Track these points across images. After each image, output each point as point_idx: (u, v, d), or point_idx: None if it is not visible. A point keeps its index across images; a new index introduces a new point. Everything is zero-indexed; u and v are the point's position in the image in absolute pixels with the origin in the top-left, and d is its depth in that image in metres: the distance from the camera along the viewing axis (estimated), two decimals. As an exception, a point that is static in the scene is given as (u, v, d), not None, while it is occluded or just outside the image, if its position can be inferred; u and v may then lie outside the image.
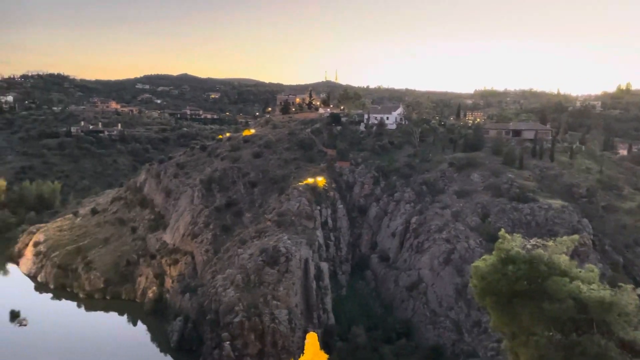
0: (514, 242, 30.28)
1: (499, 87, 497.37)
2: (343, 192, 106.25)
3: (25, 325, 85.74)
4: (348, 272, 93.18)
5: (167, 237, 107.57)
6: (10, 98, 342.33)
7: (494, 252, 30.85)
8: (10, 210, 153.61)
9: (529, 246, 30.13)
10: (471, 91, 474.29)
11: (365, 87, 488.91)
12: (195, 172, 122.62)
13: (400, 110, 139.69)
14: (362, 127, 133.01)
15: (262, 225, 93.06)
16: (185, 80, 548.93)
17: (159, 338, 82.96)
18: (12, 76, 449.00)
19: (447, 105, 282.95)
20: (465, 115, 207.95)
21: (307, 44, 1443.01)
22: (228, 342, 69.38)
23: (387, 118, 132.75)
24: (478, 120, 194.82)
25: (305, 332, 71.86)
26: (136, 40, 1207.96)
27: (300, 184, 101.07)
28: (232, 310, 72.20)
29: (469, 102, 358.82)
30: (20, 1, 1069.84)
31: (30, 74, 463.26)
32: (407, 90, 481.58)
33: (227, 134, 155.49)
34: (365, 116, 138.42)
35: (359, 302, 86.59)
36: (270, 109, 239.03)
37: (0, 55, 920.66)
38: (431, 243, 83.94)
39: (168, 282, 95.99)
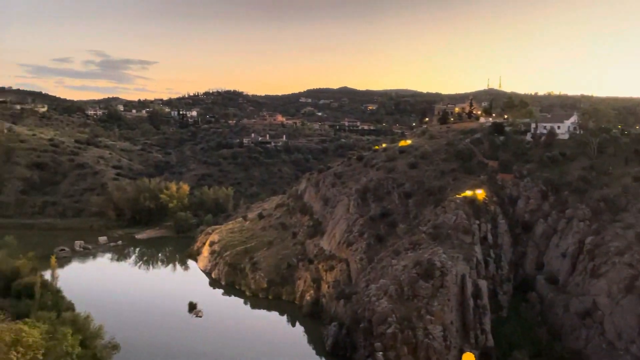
0: None
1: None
2: (505, 206, 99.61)
3: (200, 317, 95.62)
4: (509, 293, 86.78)
5: (324, 243, 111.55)
6: (194, 113, 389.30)
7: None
8: (191, 212, 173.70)
9: None
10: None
11: (532, 94, 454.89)
12: (352, 181, 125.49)
13: (574, 118, 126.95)
14: (528, 137, 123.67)
15: (416, 237, 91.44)
16: (344, 93, 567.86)
17: (315, 341, 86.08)
18: (196, 93, 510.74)
19: (632, 112, 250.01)
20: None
21: (468, 51, 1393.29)
22: (381, 353, 69.20)
23: (558, 127, 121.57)
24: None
25: (461, 351, 68.71)
26: (301, 58, 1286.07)
27: (457, 196, 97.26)
28: (385, 320, 71.92)
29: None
30: (203, 30, 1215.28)
31: (211, 91, 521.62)
32: (582, 96, 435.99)
33: (383, 145, 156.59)
34: (533, 125, 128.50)
35: (522, 326, 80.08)
36: (427, 119, 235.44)
37: (187, 76, 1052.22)
38: (610, 267, 74.31)
39: (324, 287, 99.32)
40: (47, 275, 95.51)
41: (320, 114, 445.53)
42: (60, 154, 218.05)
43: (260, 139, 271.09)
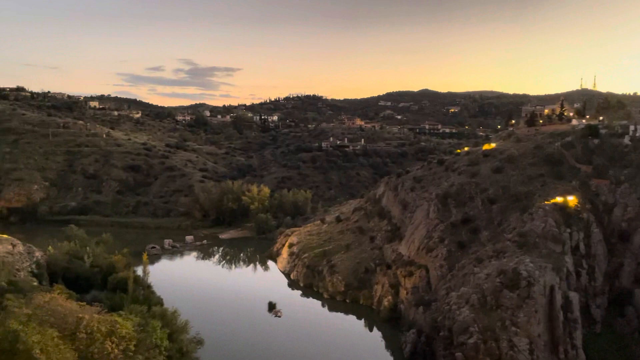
0: None
1: None
2: (600, 214, 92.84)
3: (279, 316, 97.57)
4: (604, 307, 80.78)
5: (403, 248, 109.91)
6: (275, 118, 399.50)
7: None
8: (272, 214, 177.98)
9: None
10: None
11: (631, 94, 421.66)
12: (432, 186, 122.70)
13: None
14: (626, 140, 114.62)
15: (501, 244, 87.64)
16: (425, 96, 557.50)
17: (393, 347, 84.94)
18: (277, 98, 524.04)
19: None
20: None
21: (559, 50, 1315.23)
22: (461, 363, 66.99)
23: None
24: None
25: (549, 367, 64.95)
26: (380, 61, 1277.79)
27: (546, 202, 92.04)
28: (466, 330, 69.55)
29: None
30: (285, 36, 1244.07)
31: (291, 96, 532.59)
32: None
33: (466, 148, 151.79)
34: (631, 127, 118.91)
35: (617, 342, 74.36)
36: (513, 121, 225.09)
37: (269, 81, 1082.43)
38: None
39: (402, 293, 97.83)
40: (139, 270, 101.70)
41: (399, 117, 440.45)
42: (152, 157, 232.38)
43: (338, 142, 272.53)
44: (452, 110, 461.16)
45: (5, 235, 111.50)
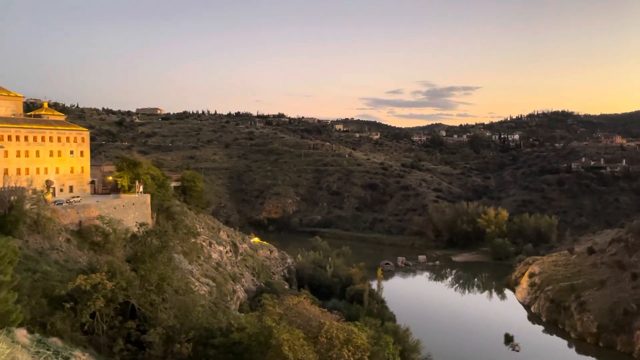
0: None
1: None
2: None
3: (517, 351, 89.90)
4: None
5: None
6: (516, 136, 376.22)
7: None
8: (510, 239, 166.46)
9: None
10: None
11: None
12: None
13: None
14: None
15: None
16: None
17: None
18: (519, 116, 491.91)
19: None
20: None
21: None
22: None
23: None
24: None
25: None
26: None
27: None
28: None
29: None
30: (529, 51, 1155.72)
31: (535, 113, 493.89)
32: None
33: None
34: None
35: None
36: None
37: (510, 98, 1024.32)
38: None
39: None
40: (374, 285, 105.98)
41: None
42: (388, 176, 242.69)
43: (592, 163, 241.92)
44: None
45: (265, 242, 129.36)
